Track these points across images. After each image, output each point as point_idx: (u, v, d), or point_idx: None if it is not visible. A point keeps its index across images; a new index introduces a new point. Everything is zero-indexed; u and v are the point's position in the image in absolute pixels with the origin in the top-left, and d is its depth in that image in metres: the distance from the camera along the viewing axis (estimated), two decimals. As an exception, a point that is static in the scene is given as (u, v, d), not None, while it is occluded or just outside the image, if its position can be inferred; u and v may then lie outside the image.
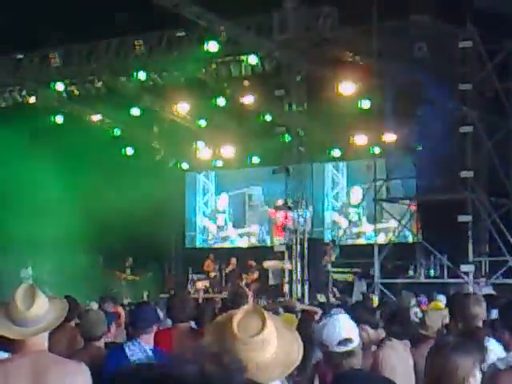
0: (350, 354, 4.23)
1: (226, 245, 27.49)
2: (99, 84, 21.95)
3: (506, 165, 18.77)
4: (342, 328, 4.28)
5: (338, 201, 26.21)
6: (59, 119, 23.66)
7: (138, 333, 5.91)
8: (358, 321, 6.65)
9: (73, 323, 7.17)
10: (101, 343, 6.28)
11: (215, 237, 28.14)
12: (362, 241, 24.64)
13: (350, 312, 6.23)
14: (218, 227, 28.15)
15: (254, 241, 27.18)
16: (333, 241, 22.03)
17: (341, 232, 24.58)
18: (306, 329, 7.13)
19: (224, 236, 27.92)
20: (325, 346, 4.31)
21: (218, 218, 28.18)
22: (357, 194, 25.28)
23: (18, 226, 19.08)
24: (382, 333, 6.11)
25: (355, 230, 25.00)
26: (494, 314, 7.40)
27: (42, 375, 3.92)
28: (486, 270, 19.42)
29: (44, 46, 20.99)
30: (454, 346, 3.70)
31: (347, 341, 4.23)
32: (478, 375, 3.58)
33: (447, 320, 7.07)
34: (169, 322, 7.96)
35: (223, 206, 28.15)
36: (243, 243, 27.24)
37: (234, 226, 27.72)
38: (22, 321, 3.92)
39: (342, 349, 4.22)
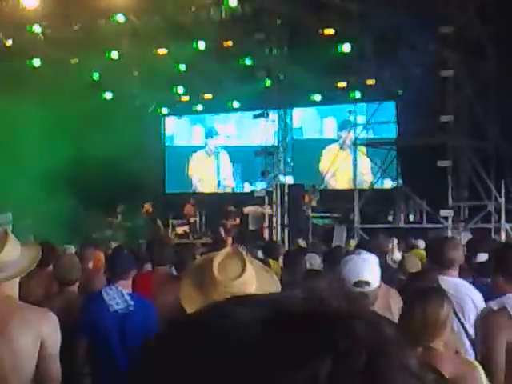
0: (363, 295, 4.16)
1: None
2: (77, 27, 21.61)
3: (487, 109, 18.73)
4: (362, 269, 4.21)
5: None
6: (36, 63, 23.34)
7: (115, 278, 5.88)
8: None
9: (50, 268, 7.14)
10: (74, 287, 6.27)
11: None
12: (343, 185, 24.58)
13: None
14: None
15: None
16: (313, 186, 22.03)
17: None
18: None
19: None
20: (341, 282, 4.27)
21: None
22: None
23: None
24: None
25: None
26: (481, 257, 7.44)
27: (5, 321, 3.85)
28: (465, 214, 19.53)
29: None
30: (434, 292, 3.76)
31: (364, 283, 4.17)
32: None
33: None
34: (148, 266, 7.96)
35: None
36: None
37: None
38: None
39: (357, 289, 4.17)
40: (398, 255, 10.94)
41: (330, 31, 20.22)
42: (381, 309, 4.22)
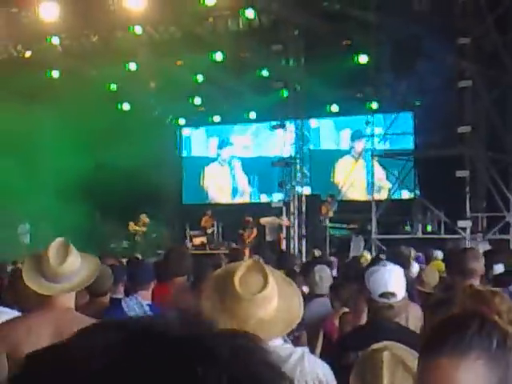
0: (388, 307, 4.16)
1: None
2: (94, 39, 21.70)
3: (505, 120, 18.63)
4: (389, 281, 4.20)
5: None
6: (55, 74, 23.46)
7: (135, 289, 5.89)
8: None
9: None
10: (106, 298, 6.25)
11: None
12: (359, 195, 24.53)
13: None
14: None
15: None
16: (331, 196, 21.96)
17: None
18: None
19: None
20: (368, 292, 4.27)
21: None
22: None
23: (15, 182, 19.01)
24: None
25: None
26: (498, 269, 7.39)
27: (66, 333, 3.84)
28: (482, 225, 19.40)
29: (39, 0, 20.69)
30: (440, 305, 3.73)
31: (390, 294, 4.17)
32: None
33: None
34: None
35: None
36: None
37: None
38: (53, 276, 3.82)
39: (383, 300, 4.17)
40: (414, 266, 10.86)
41: (347, 42, 20.23)
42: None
